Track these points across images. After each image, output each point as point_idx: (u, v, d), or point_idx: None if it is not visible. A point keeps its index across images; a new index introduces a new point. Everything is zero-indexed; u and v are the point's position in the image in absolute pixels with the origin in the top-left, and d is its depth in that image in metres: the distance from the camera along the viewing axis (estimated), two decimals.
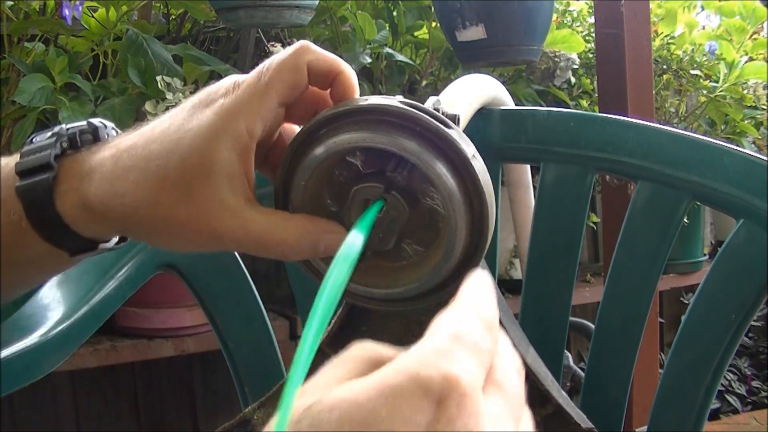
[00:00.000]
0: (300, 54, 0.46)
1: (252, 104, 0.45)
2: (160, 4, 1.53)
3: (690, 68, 1.81)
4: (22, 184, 0.48)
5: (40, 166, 0.48)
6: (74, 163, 0.48)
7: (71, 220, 0.47)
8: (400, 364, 0.28)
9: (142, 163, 0.46)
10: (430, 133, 0.42)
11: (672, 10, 1.85)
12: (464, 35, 1.49)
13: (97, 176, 0.47)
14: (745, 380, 2.34)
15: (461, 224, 0.43)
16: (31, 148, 0.49)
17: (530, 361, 0.65)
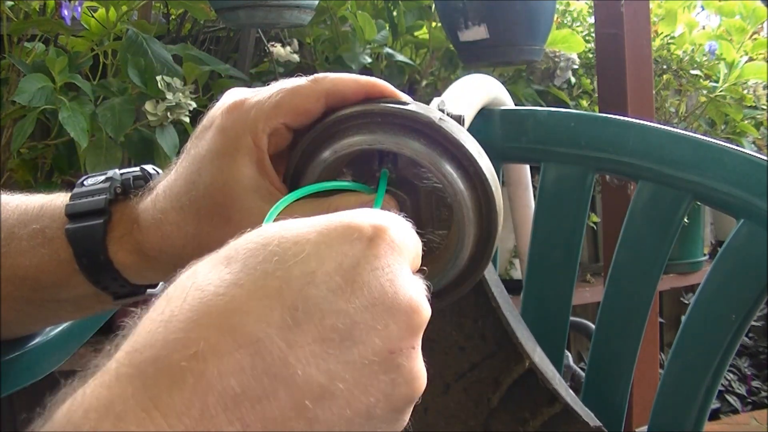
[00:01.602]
0: (317, 81, 0.45)
1: (258, 122, 0.44)
2: (160, 4, 1.53)
3: (690, 68, 1.81)
4: (73, 227, 0.47)
5: (94, 210, 0.48)
6: (126, 209, 0.48)
7: (122, 266, 0.47)
8: (336, 214, 0.34)
9: (175, 203, 0.46)
10: (437, 135, 0.42)
11: (672, 10, 1.85)
12: (467, 35, 1.49)
13: (144, 222, 0.47)
14: (745, 380, 2.34)
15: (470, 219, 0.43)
16: (82, 191, 0.49)
17: (537, 360, 0.65)
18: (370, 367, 0.31)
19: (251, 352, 0.29)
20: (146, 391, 0.28)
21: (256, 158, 0.45)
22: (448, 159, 0.43)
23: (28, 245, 0.48)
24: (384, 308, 0.32)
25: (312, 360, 0.30)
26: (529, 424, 0.65)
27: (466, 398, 0.66)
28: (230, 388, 0.28)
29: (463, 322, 0.66)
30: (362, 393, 0.31)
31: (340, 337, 0.31)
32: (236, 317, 0.30)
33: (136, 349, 0.29)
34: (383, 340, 0.32)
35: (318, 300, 0.31)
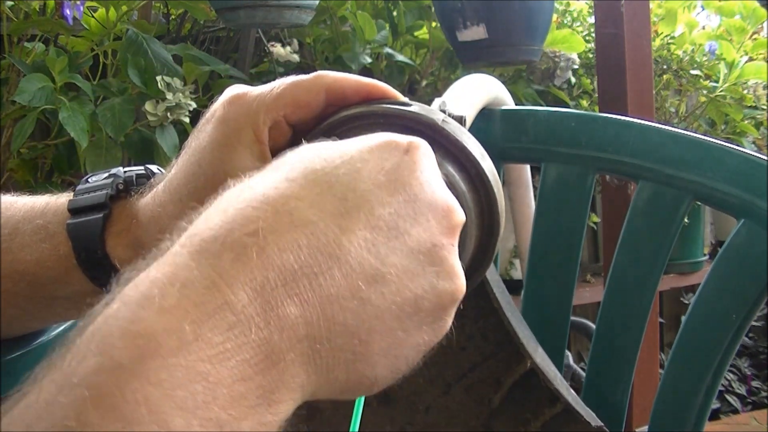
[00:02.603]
0: (318, 77, 0.45)
1: (259, 113, 0.44)
2: (160, 4, 1.53)
3: (690, 68, 1.81)
4: (73, 221, 0.48)
5: (94, 205, 0.48)
6: (126, 205, 0.48)
7: (120, 262, 0.47)
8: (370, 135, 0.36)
9: (174, 195, 0.46)
10: (440, 136, 0.42)
11: (672, 10, 1.85)
12: (465, 35, 1.49)
13: (143, 217, 0.47)
14: (745, 380, 2.34)
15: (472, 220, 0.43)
16: (85, 187, 0.49)
17: (539, 360, 0.65)
18: (416, 257, 0.34)
19: (307, 233, 0.31)
20: (210, 264, 0.29)
21: (258, 151, 0.45)
22: (451, 160, 0.42)
23: (31, 240, 0.48)
24: (424, 205, 0.34)
25: (364, 244, 0.32)
26: (531, 424, 0.65)
27: (468, 398, 0.66)
28: (289, 264, 0.30)
29: (464, 322, 0.66)
30: (411, 281, 0.33)
31: (387, 226, 0.33)
32: (291, 202, 0.32)
33: (195, 233, 0.31)
34: (427, 232, 0.34)
35: (365, 192, 0.33)
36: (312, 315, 0.31)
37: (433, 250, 0.34)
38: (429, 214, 0.35)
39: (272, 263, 0.30)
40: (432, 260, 0.34)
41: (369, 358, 0.33)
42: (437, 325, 0.35)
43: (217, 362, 0.28)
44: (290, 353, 0.30)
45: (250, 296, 0.29)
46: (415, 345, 0.35)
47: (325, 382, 0.32)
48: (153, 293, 0.29)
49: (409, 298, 0.33)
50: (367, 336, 0.32)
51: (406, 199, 0.34)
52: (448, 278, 0.35)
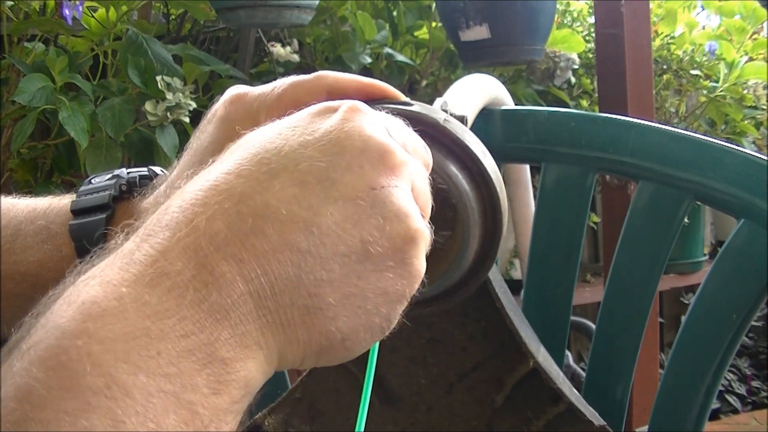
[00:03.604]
0: (319, 77, 0.45)
1: (260, 113, 0.45)
2: (160, 4, 1.53)
3: (690, 68, 1.81)
4: (76, 222, 0.48)
5: (97, 206, 0.48)
6: (129, 206, 0.48)
7: None
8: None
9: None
10: (442, 136, 0.42)
11: (672, 10, 1.85)
12: (468, 35, 1.49)
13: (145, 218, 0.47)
14: (745, 380, 2.34)
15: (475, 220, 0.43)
16: (88, 188, 0.50)
17: (541, 359, 0.65)
18: (354, 203, 0.34)
19: (234, 201, 0.32)
20: (149, 243, 0.31)
21: None
22: (453, 160, 0.43)
23: (33, 241, 0.48)
24: (355, 152, 0.34)
25: (293, 200, 0.33)
26: (533, 424, 0.65)
27: (470, 398, 0.66)
28: (218, 229, 0.32)
29: (466, 322, 0.66)
30: (353, 227, 0.33)
31: (316, 179, 0.33)
32: (220, 177, 0.33)
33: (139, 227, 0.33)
34: (360, 178, 0.34)
35: (291, 152, 0.34)
36: (250, 272, 0.31)
37: (373, 194, 0.34)
38: (362, 159, 0.34)
39: (203, 232, 0.31)
40: (373, 204, 0.34)
41: (326, 311, 0.33)
42: (402, 269, 0.35)
43: (156, 319, 0.29)
44: (235, 311, 0.31)
45: (184, 263, 0.31)
46: (380, 292, 0.34)
47: (287, 341, 0.32)
48: (96, 272, 0.31)
49: (354, 244, 0.33)
50: (315, 288, 0.32)
51: (336, 152, 0.34)
52: (396, 219, 0.34)
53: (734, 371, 2.34)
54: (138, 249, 0.31)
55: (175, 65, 1.30)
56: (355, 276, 0.33)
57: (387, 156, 0.35)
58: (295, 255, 0.32)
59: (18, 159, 1.30)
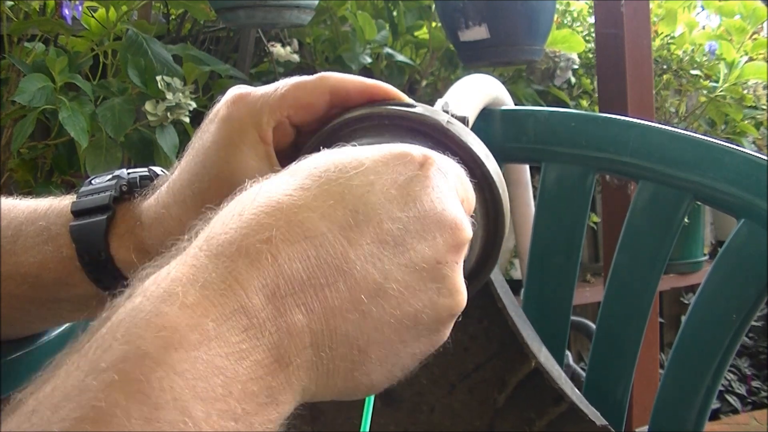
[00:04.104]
0: (321, 78, 0.45)
1: (263, 114, 0.44)
2: (160, 4, 1.53)
3: (690, 68, 1.81)
4: (76, 223, 0.48)
5: (98, 207, 0.48)
6: (130, 207, 0.48)
7: (123, 264, 0.47)
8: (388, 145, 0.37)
9: (177, 196, 0.46)
10: (445, 138, 0.42)
11: (672, 10, 1.85)
12: (467, 35, 1.49)
13: (147, 219, 0.47)
14: (745, 380, 2.34)
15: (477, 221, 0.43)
16: (88, 189, 0.49)
17: (543, 359, 0.65)
18: (420, 273, 0.34)
19: (316, 244, 0.32)
20: (226, 267, 0.31)
21: (263, 152, 0.45)
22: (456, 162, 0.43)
23: (33, 242, 0.48)
24: (433, 221, 0.35)
25: (369, 258, 0.33)
26: (535, 424, 0.65)
27: (472, 398, 0.66)
28: (298, 274, 0.32)
29: (467, 322, 0.66)
30: (412, 296, 0.34)
31: (394, 241, 0.34)
32: (303, 213, 0.33)
33: (212, 236, 0.32)
34: (432, 249, 0.35)
35: (376, 206, 0.34)
36: (317, 324, 0.32)
37: (437, 268, 0.35)
38: (437, 231, 0.35)
39: (283, 272, 0.31)
40: (434, 277, 0.35)
41: (367, 367, 0.34)
42: (435, 336, 0.36)
43: (233, 360, 0.29)
44: (297, 359, 0.31)
45: (262, 302, 0.31)
46: (411, 354, 0.36)
47: (324, 386, 0.34)
48: (175, 290, 0.30)
49: (408, 312, 0.34)
50: (366, 346, 0.34)
51: (416, 215, 0.35)
52: (449, 295, 0.36)
53: (734, 371, 2.34)
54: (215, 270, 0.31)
55: (175, 65, 1.30)
56: (399, 340, 0.35)
57: (458, 233, 0.36)
58: (359, 315, 0.33)
59: (18, 159, 1.30)
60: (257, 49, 1.60)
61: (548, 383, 0.64)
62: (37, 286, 0.48)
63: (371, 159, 0.35)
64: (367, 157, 0.36)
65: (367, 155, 0.36)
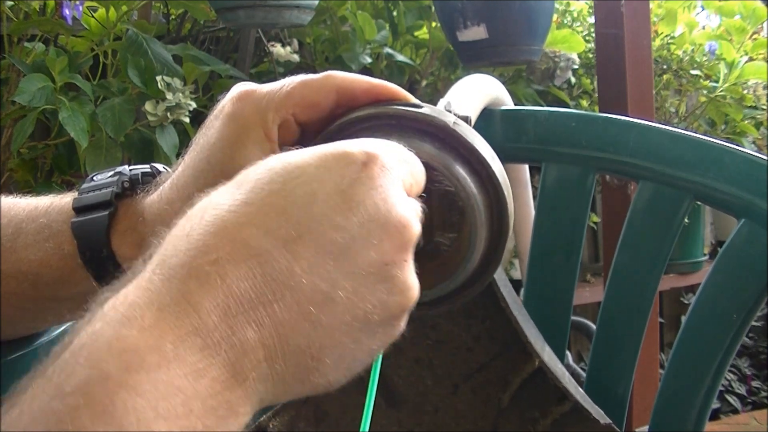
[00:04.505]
0: (328, 77, 0.45)
1: (268, 111, 0.44)
2: (160, 4, 1.53)
3: (690, 68, 1.81)
4: (78, 220, 0.47)
5: (99, 203, 0.48)
6: (132, 203, 0.48)
7: (125, 261, 0.47)
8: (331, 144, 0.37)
9: (182, 192, 0.46)
10: (451, 138, 0.42)
11: (672, 10, 1.85)
12: (465, 35, 1.49)
13: (150, 215, 0.47)
14: (745, 380, 2.34)
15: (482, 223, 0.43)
16: (90, 186, 0.49)
17: (546, 359, 0.65)
18: (366, 278, 0.35)
19: (261, 262, 0.33)
20: (179, 290, 0.32)
21: (268, 149, 0.44)
22: (462, 163, 0.43)
23: (34, 239, 0.48)
24: (378, 225, 0.35)
25: (315, 270, 0.33)
26: (539, 423, 0.65)
27: (475, 398, 0.66)
28: (246, 293, 0.32)
29: (471, 322, 0.66)
30: (361, 300, 0.35)
31: (339, 250, 0.34)
32: (246, 230, 0.33)
33: (164, 259, 0.33)
34: (378, 253, 0.35)
35: (319, 217, 0.34)
36: (268, 339, 0.33)
37: (384, 269, 0.35)
38: (383, 234, 0.35)
39: (232, 292, 0.32)
40: (383, 278, 0.35)
41: (322, 370, 0.35)
42: (389, 330, 0.37)
43: (192, 379, 0.30)
44: (252, 372, 0.32)
45: (215, 321, 0.31)
46: (367, 350, 0.36)
47: (282, 392, 0.35)
48: (134, 314, 0.31)
49: (358, 315, 0.35)
50: (318, 352, 0.34)
51: (360, 221, 0.34)
52: (399, 293, 0.36)
53: (734, 371, 2.34)
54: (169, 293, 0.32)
55: (175, 65, 1.30)
56: (352, 341, 0.35)
57: (405, 232, 0.36)
58: (309, 324, 0.33)
59: (18, 159, 1.30)
60: (257, 49, 1.60)
61: (552, 382, 0.64)
62: (38, 284, 0.48)
63: (313, 165, 0.35)
64: (308, 162, 0.35)
65: (309, 160, 0.36)
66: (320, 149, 0.36)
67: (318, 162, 0.35)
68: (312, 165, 0.35)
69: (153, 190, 0.48)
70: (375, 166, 0.36)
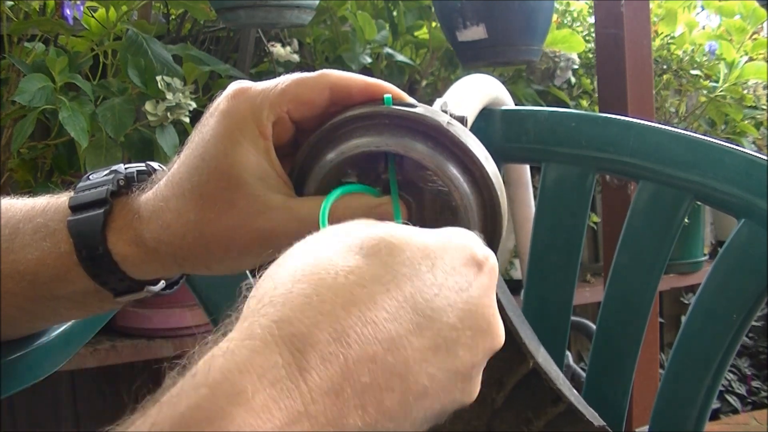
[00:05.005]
0: (322, 75, 0.45)
1: (263, 108, 0.45)
2: (160, 4, 1.53)
3: (690, 68, 1.81)
4: (74, 218, 0.47)
5: (95, 201, 0.48)
6: (128, 201, 0.48)
7: (121, 258, 0.47)
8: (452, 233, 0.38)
9: (177, 189, 0.46)
10: (445, 138, 0.42)
11: (672, 10, 1.85)
12: (465, 35, 1.49)
13: (145, 212, 0.47)
14: (745, 380, 2.34)
15: (475, 223, 0.43)
16: (86, 184, 0.49)
17: (541, 360, 0.65)
18: (456, 376, 0.36)
19: (385, 348, 0.33)
20: (297, 363, 0.31)
21: (263, 147, 0.45)
22: (455, 163, 0.43)
23: (31, 239, 0.48)
24: (480, 333, 0.37)
25: (423, 363, 0.34)
26: (533, 424, 0.65)
27: None
28: (363, 378, 0.32)
29: None
30: (445, 396, 0.36)
31: (447, 347, 0.35)
32: (378, 313, 0.33)
33: (284, 320, 0.32)
34: (473, 355, 0.37)
35: (440, 313, 0.35)
36: (366, 427, 0.33)
37: (469, 372, 0.37)
38: (481, 341, 0.37)
39: (351, 375, 0.32)
40: (464, 378, 0.37)
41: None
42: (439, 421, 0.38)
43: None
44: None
45: (326, 405, 0.31)
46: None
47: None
48: (244, 387, 0.30)
49: (437, 409, 0.36)
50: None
51: (469, 326, 0.36)
52: (468, 393, 0.38)
53: (734, 371, 2.34)
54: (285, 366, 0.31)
55: (175, 65, 1.30)
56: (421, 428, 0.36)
57: (496, 342, 0.38)
58: (403, 414, 0.34)
59: (18, 159, 1.30)
60: (257, 49, 1.60)
61: (546, 384, 0.64)
62: (36, 283, 0.48)
63: (440, 256, 0.36)
64: (436, 251, 0.36)
65: (434, 247, 0.36)
66: (444, 237, 0.37)
67: (443, 250, 0.37)
68: (438, 255, 0.36)
69: (148, 187, 0.48)
70: (488, 270, 0.38)
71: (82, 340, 0.67)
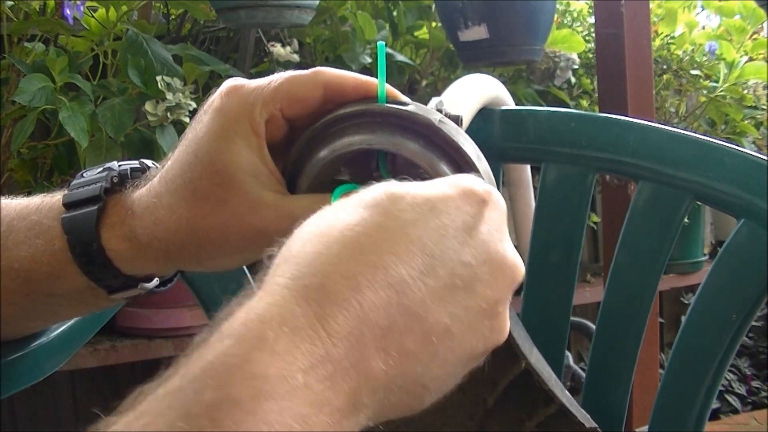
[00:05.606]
0: (316, 72, 0.46)
1: (255, 106, 0.45)
2: (160, 4, 1.53)
3: (690, 68, 1.81)
4: (67, 215, 0.48)
5: (89, 198, 0.48)
6: (121, 197, 0.48)
7: (115, 255, 0.47)
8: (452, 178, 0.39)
9: (170, 185, 0.46)
10: (436, 137, 0.42)
11: (672, 10, 1.85)
12: (466, 35, 1.49)
13: (138, 209, 0.47)
14: (745, 380, 2.34)
15: None
16: (80, 182, 0.49)
17: (534, 361, 0.65)
18: (480, 313, 0.36)
19: (398, 291, 0.34)
20: (314, 312, 0.32)
21: (255, 144, 0.45)
22: (446, 161, 0.43)
23: (25, 237, 0.48)
24: (498, 266, 0.37)
25: (441, 303, 0.35)
26: (525, 425, 0.65)
27: (463, 398, 0.66)
28: (381, 321, 0.33)
29: None
30: (471, 334, 0.36)
31: (464, 285, 0.36)
32: (386, 257, 0.34)
33: (299, 275, 0.34)
34: (493, 291, 0.37)
35: (450, 252, 0.36)
36: (392, 369, 0.34)
37: (494, 306, 0.37)
38: (499, 273, 0.37)
39: (368, 319, 0.33)
40: (491, 315, 0.37)
41: (425, 398, 0.36)
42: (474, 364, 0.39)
43: (316, 407, 0.31)
44: (367, 399, 0.33)
45: (347, 348, 0.32)
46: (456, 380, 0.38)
47: (383, 416, 0.35)
48: (267, 335, 0.31)
49: (467, 349, 0.36)
50: (429, 382, 0.36)
51: (483, 260, 0.36)
52: (498, 332, 0.38)
53: (734, 371, 2.34)
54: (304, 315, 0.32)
55: (175, 65, 1.30)
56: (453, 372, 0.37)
57: (516, 273, 0.38)
58: (428, 356, 0.35)
59: (18, 159, 1.30)
60: (257, 49, 1.60)
61: (539, 384, 0.64)
62: (31, 281, 0.48)
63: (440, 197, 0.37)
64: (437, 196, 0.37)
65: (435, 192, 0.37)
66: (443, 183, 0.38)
67: (445, 194, 0.37)
68: (438, 196, 0.37)
69: (142, 184, 0.48)
70: (492, 204, 0.38)
71: (82, 340, 0.67)
